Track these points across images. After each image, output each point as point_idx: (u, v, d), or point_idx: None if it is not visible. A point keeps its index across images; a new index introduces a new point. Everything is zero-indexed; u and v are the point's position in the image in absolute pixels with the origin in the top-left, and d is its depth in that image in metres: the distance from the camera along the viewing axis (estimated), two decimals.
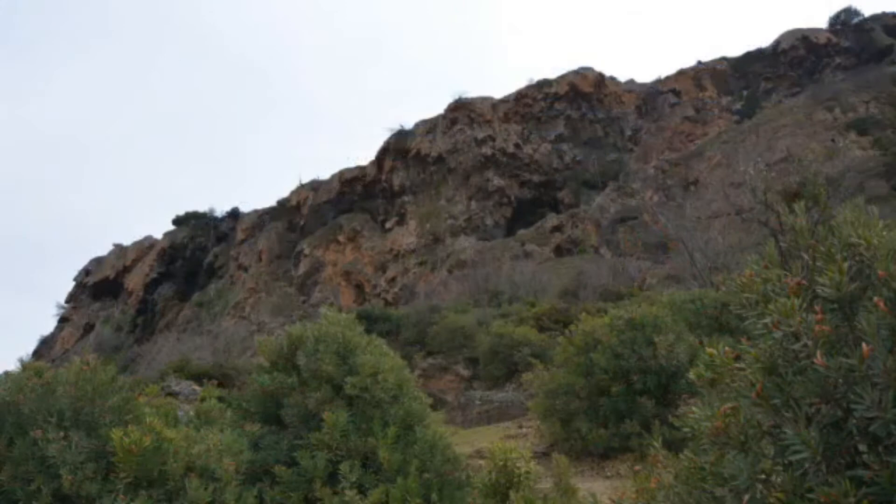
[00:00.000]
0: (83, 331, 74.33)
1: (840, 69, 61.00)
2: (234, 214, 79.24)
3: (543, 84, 67.53)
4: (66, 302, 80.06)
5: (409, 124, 68.92)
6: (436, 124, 66.97)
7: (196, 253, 76.30)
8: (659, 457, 2.84)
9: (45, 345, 74.67)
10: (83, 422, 4.08)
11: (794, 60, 64.65)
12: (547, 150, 64.66)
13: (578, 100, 66.59)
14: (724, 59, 68.90)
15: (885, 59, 57.57)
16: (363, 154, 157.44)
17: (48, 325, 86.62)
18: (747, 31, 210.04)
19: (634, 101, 68.14)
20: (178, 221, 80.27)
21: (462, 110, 65.86)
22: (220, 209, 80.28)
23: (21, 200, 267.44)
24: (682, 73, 68.55)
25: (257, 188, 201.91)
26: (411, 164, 65.97)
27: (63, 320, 78.52)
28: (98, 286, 77.95)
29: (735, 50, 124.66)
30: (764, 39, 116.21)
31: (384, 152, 68.21)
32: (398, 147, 67.26)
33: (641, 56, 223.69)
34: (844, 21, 65.79)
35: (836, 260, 2.03)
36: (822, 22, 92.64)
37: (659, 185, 52.88)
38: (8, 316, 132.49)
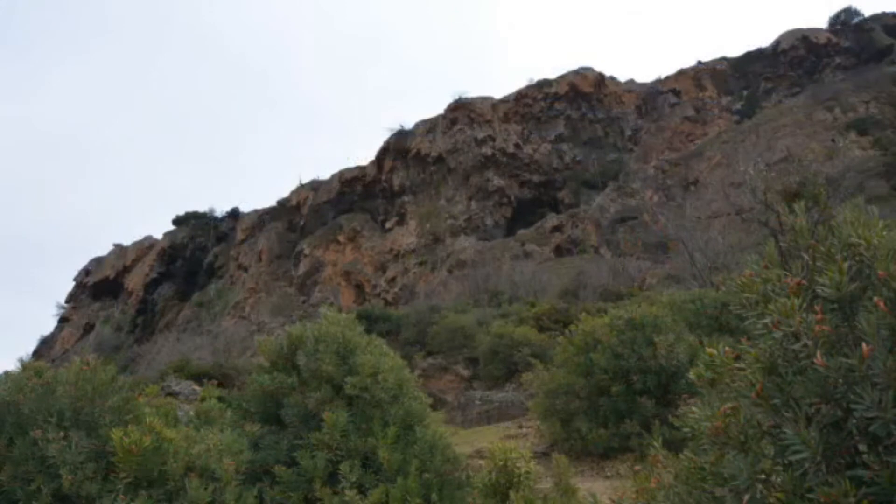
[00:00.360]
0: (83, 331, 74.33)
1: (840, 69, 61.00)
2: (234, 214, 79.30)
3: (543, 84, 67.52)
4: (66, 302, 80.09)
5: (409, 124, 69.05)
6: (436, 124, 66.95)
7: (196, 253, 76.32)
8: (659, 457, 2.83)
9: (45, 345, 74.66)
10: (83, 422, 4.08)
11: (794, 60, 64.64)
12: (547, 150, 64.65)
13: (578, 100, 66.58)
14: (724, 59, 68.91)
15: (885, 59, 57.57)
16: (363, 154, 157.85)
17: (48, 325, 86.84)
18: (747, 31, 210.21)
19: (634, 101, 68.13)
20: (178, 221, 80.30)
21: (462, 110, 65.84)
22: (220, 209, 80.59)
23: (21, 200, 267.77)
24: (682, 73, 68.55)
25: (257, 188, 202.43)
26: (411, 164, 65.96)
27: (63, 320, 78.52)
28: (98, 286, 77.96)
29: (735, 50, 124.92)
30: (764, 39, 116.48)
31: (384, 152, 68.20)
32: (398, 147, 67.25)
33: (641, 56, 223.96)
34: (844, 21, 65.79)
35: (836, 260, 2.02)
36: (822, 22, 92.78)
37: (659, 185, 52.91)
38: (8, 316, 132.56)
